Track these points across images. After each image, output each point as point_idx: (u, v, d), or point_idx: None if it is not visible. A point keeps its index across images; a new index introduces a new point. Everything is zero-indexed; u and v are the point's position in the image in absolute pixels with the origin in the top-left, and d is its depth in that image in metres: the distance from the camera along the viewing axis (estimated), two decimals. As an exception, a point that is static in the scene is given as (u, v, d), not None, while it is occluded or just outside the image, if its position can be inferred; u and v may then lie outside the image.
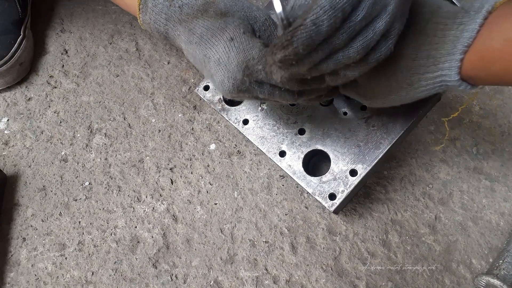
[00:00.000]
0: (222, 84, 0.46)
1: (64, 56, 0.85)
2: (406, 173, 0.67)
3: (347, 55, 0.38)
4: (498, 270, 0.55)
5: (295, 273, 0.62)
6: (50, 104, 0.80)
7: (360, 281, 0.60)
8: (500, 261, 0.56)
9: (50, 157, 0.75)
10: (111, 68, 0.83)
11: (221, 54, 0.45)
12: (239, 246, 0.65)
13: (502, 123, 0.69)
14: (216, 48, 0.46)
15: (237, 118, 0.64)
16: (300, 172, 0.58)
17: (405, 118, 0.56)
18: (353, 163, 0.56)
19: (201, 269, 0.64)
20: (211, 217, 0.67)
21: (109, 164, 0.73)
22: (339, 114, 0.60)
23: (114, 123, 0.77)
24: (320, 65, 0.38)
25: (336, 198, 0.56)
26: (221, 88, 0.47)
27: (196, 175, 0.71)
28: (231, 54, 0.45)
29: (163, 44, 0.84)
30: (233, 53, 0.45)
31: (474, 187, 0.65)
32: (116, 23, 0.88)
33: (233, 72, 0.45)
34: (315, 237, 0.64)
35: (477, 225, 0.62)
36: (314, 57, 0.37)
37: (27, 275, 0.66)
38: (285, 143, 0.60)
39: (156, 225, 0.67)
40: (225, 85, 0.46)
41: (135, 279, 0.64)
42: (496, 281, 0.53)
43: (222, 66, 0.45)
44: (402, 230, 0.63)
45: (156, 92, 0.79)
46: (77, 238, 0.68)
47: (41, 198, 0.71)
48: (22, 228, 0.69)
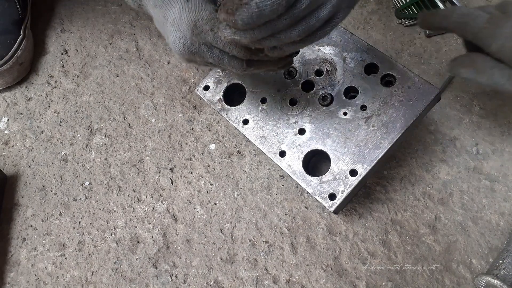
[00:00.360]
0: (174, 44, 0.48)
1: (64, 56, 0.86)
2: (406, 173, 0.67)
3: (289, 36, 0.41)
4: (498, 270, 0.55)
5: (295, 273, 0.62)
6: (50, 104, 0.80)
7: (360, 281, 0.60)
8: (500, 261, 0.56)
9: (50, 157, 0.75)
10: (111, 68, 0.83)
11: (175, 14, 0.48)
12: (239, 246, 0.65)
13: (502, 123, 0.69)
14: (173, 9, 0.48)
15: (237, 118, 0.64)
16: (300, 172, 0.58)
17: (405, 118, 0.56)
18: (353, 163, 0.56)
19: (201, 269, 0.64)
20: (211, 217, 0.67)
21: (109, 164, 0.73)
22: (339, 114, 0.60)
23: (114, 123, 0.77)
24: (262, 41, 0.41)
25: (336, 198, 0.56)
26: (173, 48, 0.49)
27: (196, 175, 0.71)
28: (183, 14, 0.47)
29: (163, 44, 0.84)
30: (184, 13, 0.47)
31: (474, 187, 0.65)
32: (116, 23, 0.88)
33: (183, 32, 0.47)
34: (315, 237, 0.64)
35: (477, 225, 0.62)
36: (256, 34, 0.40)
37: (27, 275, 0.66)
38: (285, 143, 0.60)
39: (156, 225, 0.67)
40: (176, 45, 0.48)
41: (135, 279, 0.64)
42: (496, 281, 0.53)
43: (175, 27, 0.48)
44: (402, 230, 0.63)
45: (156, 92, 0.79)
46: (77, 238, 0.68)
47: (41, 198, 0.71)
48: (22, 228, 0.69)
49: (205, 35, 0.46)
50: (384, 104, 0.58)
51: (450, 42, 0.77)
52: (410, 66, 0.74)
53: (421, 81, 0.57)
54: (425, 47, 0.77)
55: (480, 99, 0.71)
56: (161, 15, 0.50)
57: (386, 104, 0.58)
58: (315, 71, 0.63)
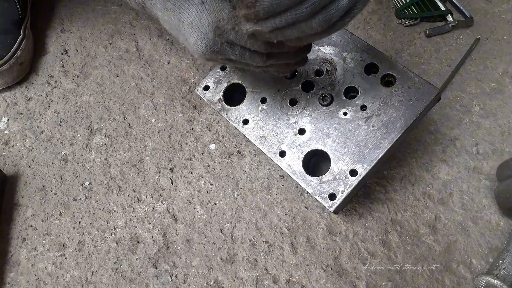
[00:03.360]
0: (196, 46, 0.49)
1: (64, 56, 0.86)
2: (406, 173, 0.67)
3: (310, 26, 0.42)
4: (498, 270, 0.55)
5: (295, 273, 0.62)
6: (50, 104, 0.80)
7: (360, 281, 0.60)
8: (500, 261, 0.56)
9: (50, 157, 0.75)
10: (111, 68, 0.83)
11: (193, 17, 0.48)
12: (239, 246, 0.65)
13: (502, 123, 0.69)
14: (189, 12, 0.49)
15: (237, 118, 0.64)
16: (300, 172, 0.58)
17: (405, 118, 0.56)
18: (353, 163, 0.56)
19: (201, 269, 0.64)
20: (211, 217, 0.67)
21: (109, 164, 0.73)
22: (339, 114, 0.60)
23: (114, 123, 0.77)
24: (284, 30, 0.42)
25: (336, 198, 0.56)
26: (195, 50, 0.50)
27: (196, 175, 0.71)
28: (202, 16, 0.48)
29: (163, 44, 0.84)
30: (204, 15, 0.47)
31: (474, 187, 0.65)
32: (116, 23, 0.88)
33: (205, 33, 0.48)
34: (315, 237, 0.64)
35: (477, 225, 0.62)
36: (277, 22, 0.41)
37: (27, 275, 0.66)
38: (285, 143, 0.60)
39: (156, 225, 0.67)
40: (198, 46, 0.49)
41: (135, 279, 0.64)
42: (496, 281, 0.53)
43: (195, 29, 0.48)
44: (402, 230, 0.63)
45: (156, 92, 0.79)
46: (77, 238, 0.68)
47: (41, 198, 0.71)
48: (22, 228, 0.69)
49: (227, 34, 0.47)
50: (384, 104, 0.58)
51: (450, 42, 0.77)
52: (410, 66, 0.74)
53: (421, 81, 0.57)
54: (425, 47, 0.77)
55: (480, 99, 0.71)
56: (175, 18, 0.50)
57: (386, 104, 0.58)
58: (315, 71, 0.63)
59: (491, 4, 0.80)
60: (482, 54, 0.75)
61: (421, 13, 0.79)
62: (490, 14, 0.79)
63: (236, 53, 0.49)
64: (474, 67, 0.74)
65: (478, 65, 0.74)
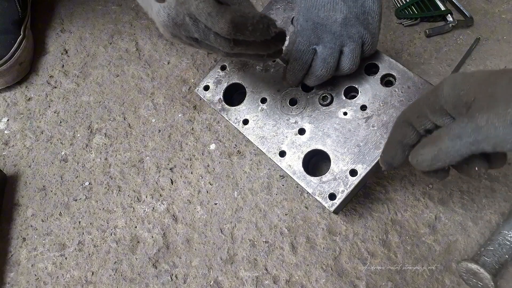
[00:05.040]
0: (158, 14, 0.48)
1: (64, 56, 0.86)
2: (406, 173, 0.67)
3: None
4: (479, 256, 0.56)
5: (295, 273, 0.62)
6: (50, 104, 0.80)
7: (360, 281, 0.60)
8: (482, 249, 0.57)
9: (50, 157, 0.75)
10: (111, 68, 0.83)
11: None
12: (239, 246, 0.65)
13: (502, 123, 0.69)
14: None
15: (237, 118, 0.64)
16: (300, 172, 0.58)
17: (405, 118, 0.56)
18: (353, 163, 0.56)
19: (201, 269, 0.64)
20: (211, 217, 0.67)
21: (109, 164, 0.73)
22: (339, 114, 0.60)
23: (114, 123, 0.77)
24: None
25: (336, 198, 0.56)
26: (157, 19, 0.49)
27: (196, 175, 0.71)
28: None
29: (163, 44, 0.84)
30: None
31: (474, 187, 0.65)
32: (116, 23, 0.88)
33: (168, 1, 0.47)
34: (315, 237, 0.64)
35: (477, 225, 0.62)
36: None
37: (27, 275, 0.66)
38: (285, 143, 0.60)
39: (156, 225, 0.67)
40: (160, 15, 0.48)
41: (135, 279, 0.64)
42: (473, 265, 0.54)
43: None
44: (402, 230, 0.63)
45: (156, 92, 0.79)
46: (77, 238, 0.68)
47: (41, 198, 0.71)
48: (22, 228, 0.69)
49: (189, 4, 0.45)
50: (384, 104, 0.58)
51: (450, 42, 0.77)
52: (410, 66, 0.74)
53: (421, 81, 0.57)
54: (425, 47, 0.77)
55: (480, 99, 0.71)
56: None
57: (386, 104, 0.58)
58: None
59: (491, 4, 0.80)
60: (482, 54, 0.75)
61: (421, 13, 0.79)
62: (490, 14, 0.79)
63: (200, 30, 0.47)
64: (474, 67, 0.74)
65: (478, 65, 0.74)
